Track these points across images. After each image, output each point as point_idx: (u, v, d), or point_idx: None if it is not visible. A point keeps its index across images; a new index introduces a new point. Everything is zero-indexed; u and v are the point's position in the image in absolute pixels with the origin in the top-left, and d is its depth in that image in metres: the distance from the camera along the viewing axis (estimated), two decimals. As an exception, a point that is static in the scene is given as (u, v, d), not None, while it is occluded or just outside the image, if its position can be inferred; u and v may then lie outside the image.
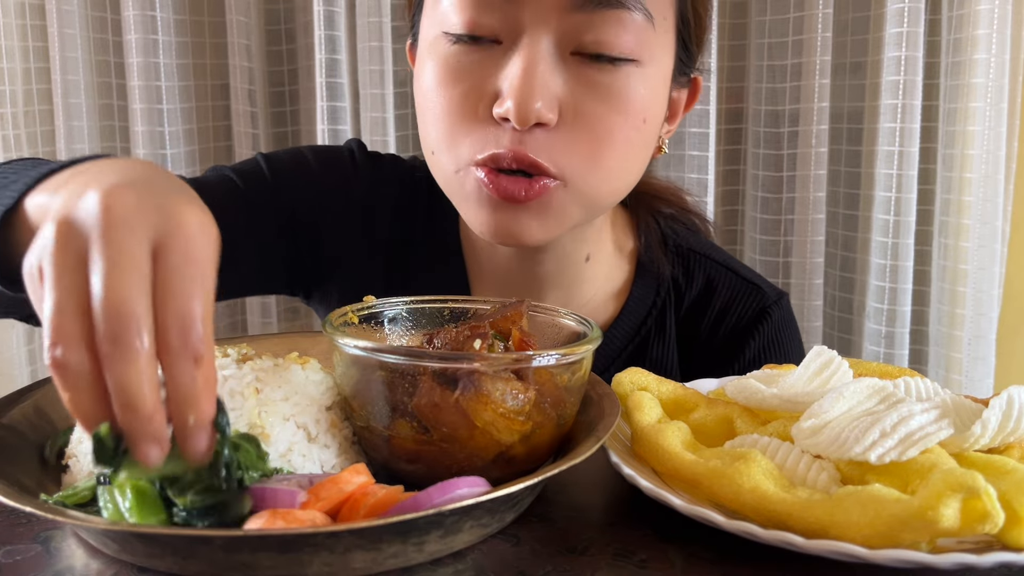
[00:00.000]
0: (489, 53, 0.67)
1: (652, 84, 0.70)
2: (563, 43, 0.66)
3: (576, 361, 0.54)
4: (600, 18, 0.65)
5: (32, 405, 0.59)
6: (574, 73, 0.67)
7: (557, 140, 0.67)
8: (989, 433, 0.49)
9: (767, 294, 0.87)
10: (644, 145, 0.72)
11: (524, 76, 0.65)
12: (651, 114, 0.71)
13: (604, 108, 0.68)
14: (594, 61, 0.67)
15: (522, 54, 0.66)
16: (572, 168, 0.68)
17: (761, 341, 0.86)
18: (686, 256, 0.88)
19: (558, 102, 0.67)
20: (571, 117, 0.67)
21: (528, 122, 0.65)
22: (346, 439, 0.55)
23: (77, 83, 1.49)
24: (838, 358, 0.57)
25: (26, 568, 0.46)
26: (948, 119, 1.46)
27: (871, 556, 0.43)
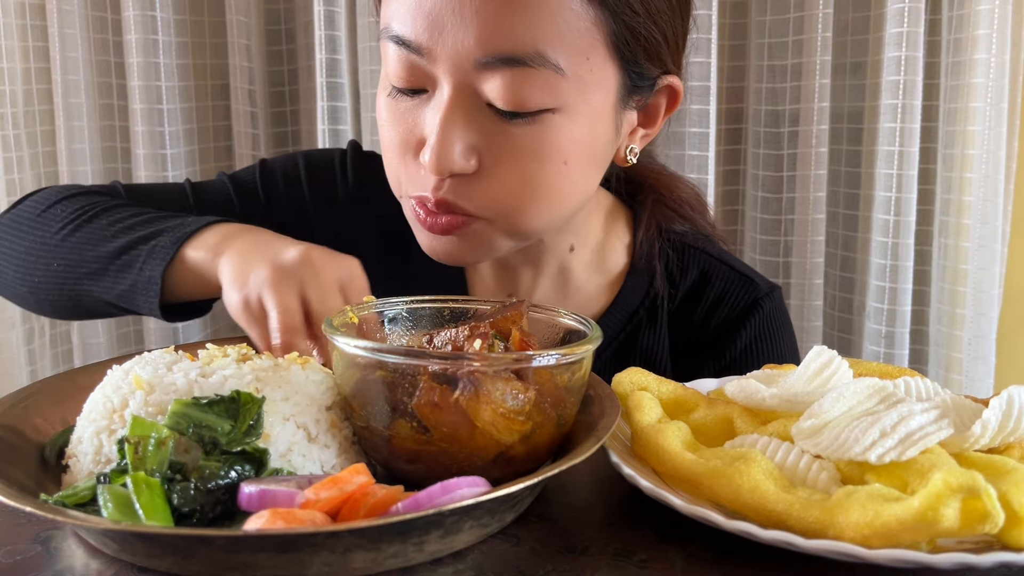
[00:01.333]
0: (419, 101, 0.71)
1: (577, 125, 0.70)
2: (476, 96, 0.68)
3: (576, 361, 0.54)
4: (504, 76, 0.66)
5: (32, 405, 0.59)
6: (492, 123, 0.68)
7: (478, 186, 0.70)
8: (989, 433, 0.49)
9: (759, 286, 0.88)
10: (571, 183, 0.72)
11: (439, 131, 0.68)
12: (575, 154, 0.71)
13: (520, 156, 0.69)
14: (509, 116, 0.68)
15: (439, 106, 0.68)
16: (495, 211, 0.71)
17: (752, 332, 0.87)
18: (682, 250, 0.90)
19: (475, 151, 0.69)
20: (490, 164, 0.69)
21: (443, 173, 0.69)
22: (346, 439, 0.55)
23: (77, 83, 1.49)
24: (838, 358, 0.57)
25: (26, 568, 0.46)
26: (948, 119, 1.46)
27: (871, 556, 0.43)
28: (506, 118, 0.68)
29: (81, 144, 1.51)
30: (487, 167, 0.69)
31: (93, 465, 0.52)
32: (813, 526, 0.45)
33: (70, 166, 1.50)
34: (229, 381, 0.53)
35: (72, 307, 0.80)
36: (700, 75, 1.43)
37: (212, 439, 0.49)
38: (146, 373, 0.54)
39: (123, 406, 0.53)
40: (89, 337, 1.56)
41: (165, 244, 0.73)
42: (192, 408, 0.50)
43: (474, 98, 0.68)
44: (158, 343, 1.54)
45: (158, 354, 0.58)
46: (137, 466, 0.47)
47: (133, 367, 0.56)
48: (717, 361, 0.87)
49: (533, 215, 0.73)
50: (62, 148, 1.49)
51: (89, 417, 0.54)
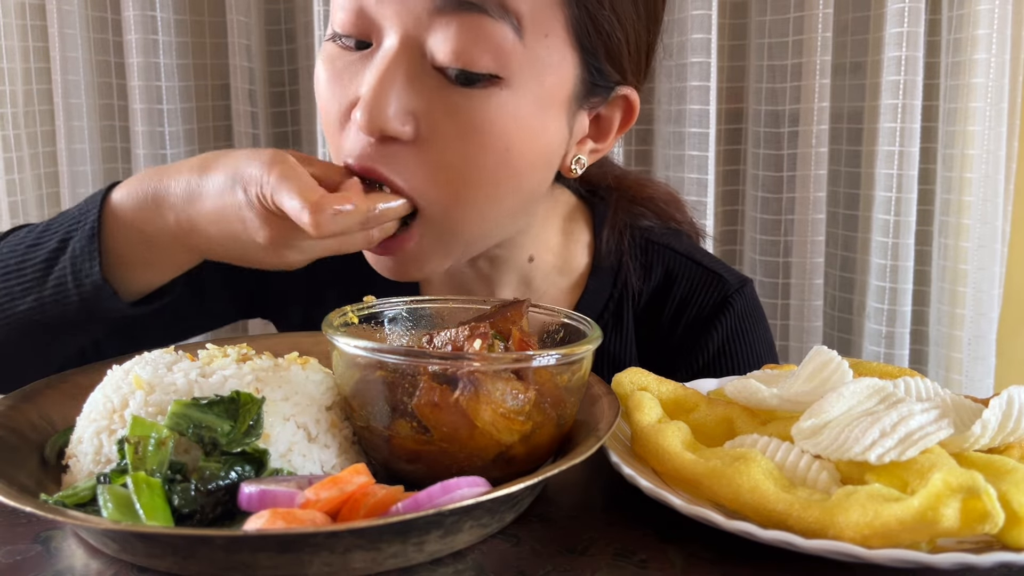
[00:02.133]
0: (359, 56, 0.65)
1: (521, 107, 0.64)
2: (422, 53, 0.63)
3: (576, 361, 0.54)
4: (460, 24, 0.61)
5: (32, 405, 0.59)
6: (434, 88, 0.63)
7: (411, 159, 0.64)
8: (989, 433, 0.49)
9: (728, 282, 0.83)
10: (512, 176, 0.67)
11: (376, 84, 0.62)
12: (518, 140, 0.65)
13: (460, 129, 0.63)
14: (454, 80, 0.63)
15: (379, 60, 0.63)
16: (428, 196, 0.65)
17: (724, 333, 0.83)
18: (645, 247, 0.85)
19: (413, 117, 0.63)
20: (426, 135, 0.64)
21: (374, 132, 0.63)
22: (346, 439, 0.55)
23: (77, 83, 1.49)
24: (838, 358, 0.57)
25: (26, 568, 0.46)
26: (948, 119, 1.46)
27: (871, 556, 0.43)
28: (451, 83, 0.63)
29: (81, 144, 1.51)
30: (424, 137, 0.64)
31: (93, 465, 0.52)
32: (813, 526, 0.45)
33: (70, 166, 1.50)
34: (229, 381, 0.53)
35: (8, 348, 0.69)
36: (700, 75, 1.43)
37: (212, 439, 0.49)
38: (146, 373, 0.54)
39: (123, 406, 0.53)
40: (89, 337, 1.55)
41: (83, 244, 0.65)
42: (192, 409, 0.50)
43: (420, 57, 0.63)
44: (158, 343, 1.54)
45: (158, 354, 0.58)
46: (137, 466, 0.47)
47: (133, 367, 0.56)
48: (690, 365, 0.83)
49: (470, 207, 0.66)
50: (62, 148, 1.49)
51: (89, 417, 0.54)
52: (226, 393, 0.51)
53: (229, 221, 0.62)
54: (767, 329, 0.88)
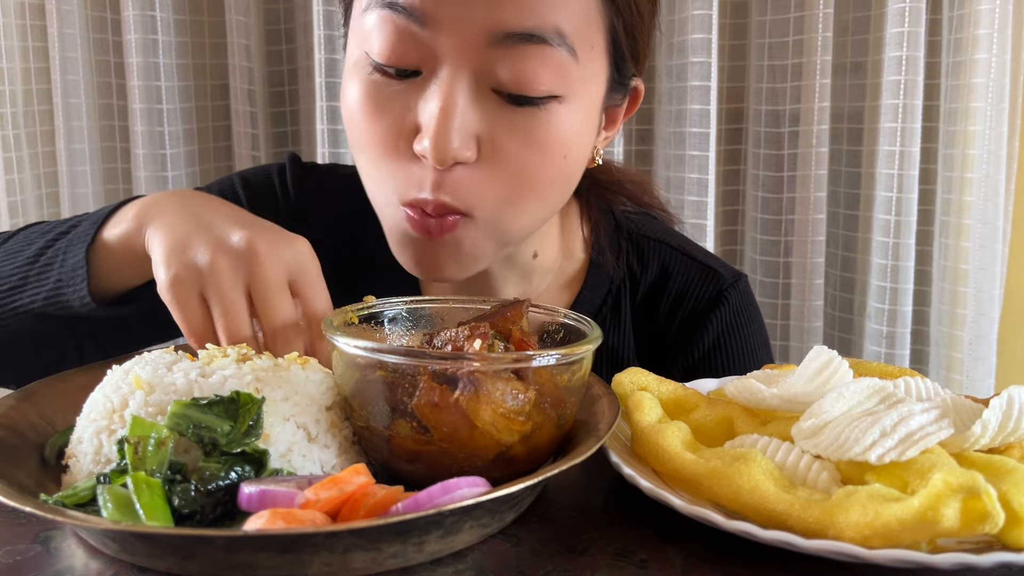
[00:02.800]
0: (409, 84, 0.65)
1: (577, 117, 0.67)
2: (482, 78, 0.63)
3: (576, 361, 0.54)
4: (519, 54, 0.62)
5: (32, 405, 0.59)
6: (495, 109, 0.64)
7: (473, 177, 0.65)
8: (989, 433, 0.49)
9: (723, 277, 0.85)
10: (565, 179, 0.70)
11: (442, 114, 0.62)
12: (574, 148, 0.68)
13: (522, 147, 0.65)
14: (516, 102, 0.64)
15: (440, 89, 0.63)
16: (487, 206, 0.66)
17: (719, 326, 0.84)
18: (640, 243, 0.86)
19: (476, 139, 0.64)
20: (489, 154, 0.65)
21: (446, 162, 0.63)
22: (346, 439, 0.55)
23: (77, 83, 1.49)
24: (838, 358, 0.57)
25: (26, 568, 0.46)
26: (949, 119, 1.46)
27: (871, 556, 0.43)
28: (512, 104, 0.64)
29: (80, 144, 1.51)
30: (486, 157, 0.65)
31: (93, 465, 0.52)
32: (813, 526, 0.45)
33: (69, 166, 1.50)
34: (229, 381, 0.53)
35: None
36: (700, 75, 1.43)
37: (212, 440, 0.49)
38: (146, 373, 0.54)
39: (123, 406, 0.53)
40: (89, 337, 1.55)
41: (84, 229, 0.69)
42: (191, 409, 0.50)
43: (480, 80, 0.63)
44: (158, 343, 1.54)
45: (158, 354, 0.58)
46: (137, 466, 0.47)
47: (133, 367, 0.56)
48: (685, 359, 0.84)
49: (523, 211, 0.68)
50: (61, 148, 1.49)
51: (89, 417, 0.54)
52: (226, 393, 0.51)
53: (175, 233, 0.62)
54: (761, 323, 0.89)
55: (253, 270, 0.59)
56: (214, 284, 0.58)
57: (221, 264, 0.59)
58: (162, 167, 1.51)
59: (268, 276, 0.59)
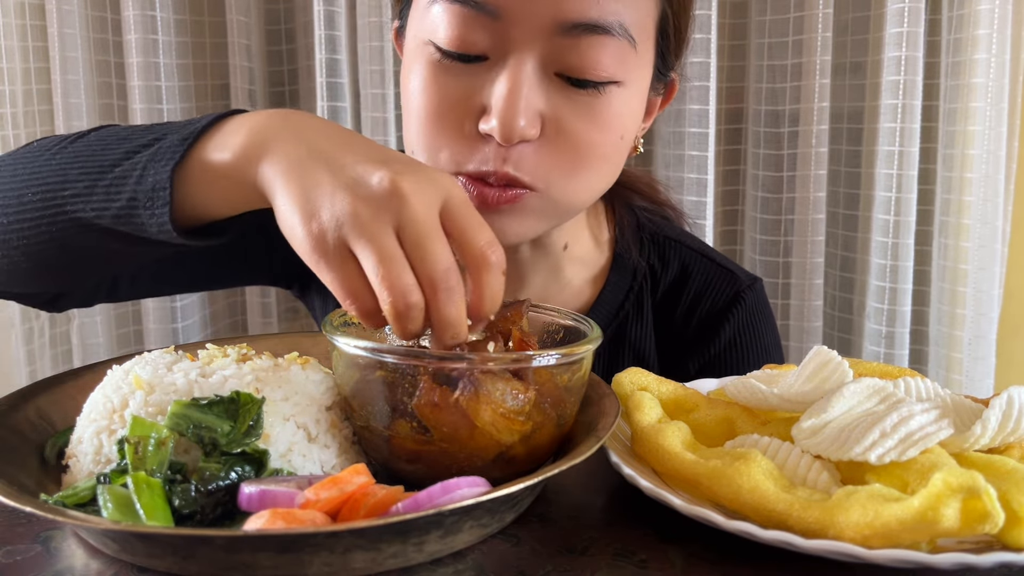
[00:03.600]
0: (476, 68, 0.68)
1: (632, 101, 0.72)
2: (548, 63, 0.67)
3: (576, 361, 0.54)
4: (585, 43, 0.66)
5: (32, 405, 0.59)
6: (558, 91, 0.68)
7: (536, 154, 0.69)
8: (989, 433, 0.49)
9: (741, 279, 0.89)
10: (620, 158, 0.74)
11: (510, 96, 0.66)
12: (628, 128, 0.73)
13: (584, 127, 0.69)
14: (578, 85, 0.68)
15: (508, 73, 0.67)
16: (549, 180, 0.70)
17: (735, 325, 0.87)
18: (661, 243, 0.90)
19: (540, 118, 0.68)
20: (552, 133, 0.69)
21: (513, 140, 0.67)
22: (346, 439, 0.55)
23: (77, 83, 1.49)
24: (838, 358, 0.57)
25: (26, 568, 0.46)
26: (948, 119, 1.46)
27: (871, 556, 0.43)
28: (574, 87, 0.68)
29: (81, 144, 1.51)
30: (549, 135, 0.69)
31: (93, 465, 0.52)
32: (813, 526, 0.45)
33: (70, 166, 1.50)
34: (229, 381, 0.53)
35: (51, 251, 0.63)
36: (700, 75, 1.43)
37: (212, 440, 0.49)
38: (146, 373, 0.54)
39: (123, 406, 0.53)
40: (89, 337, 1.56)
41: (171, 144, 0.59)
42: (191, 409, 0.50)
43: (546, 65, 0.67)
44: (158, 343, 1.54)
45: (158, 354, 0.58)
46: (137, 466, 0.47)
47: (133, 367, 0.56)
48: (701, 356, 0.88)
49: (581, 186, 0.72)
50: (62, 148, 1.49)
51: (89, 417, 0.54)
52: (226, 393, 0.51)
53: (312, 173, 0.53)
54: (775, 326, 0.93)
55: (401, 214, 0.50)
56: (364, 235, 0.50)
57: (365, 212, 0.50)
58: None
59: (420, 219, 0.51)
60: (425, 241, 0.50)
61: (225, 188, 0.58)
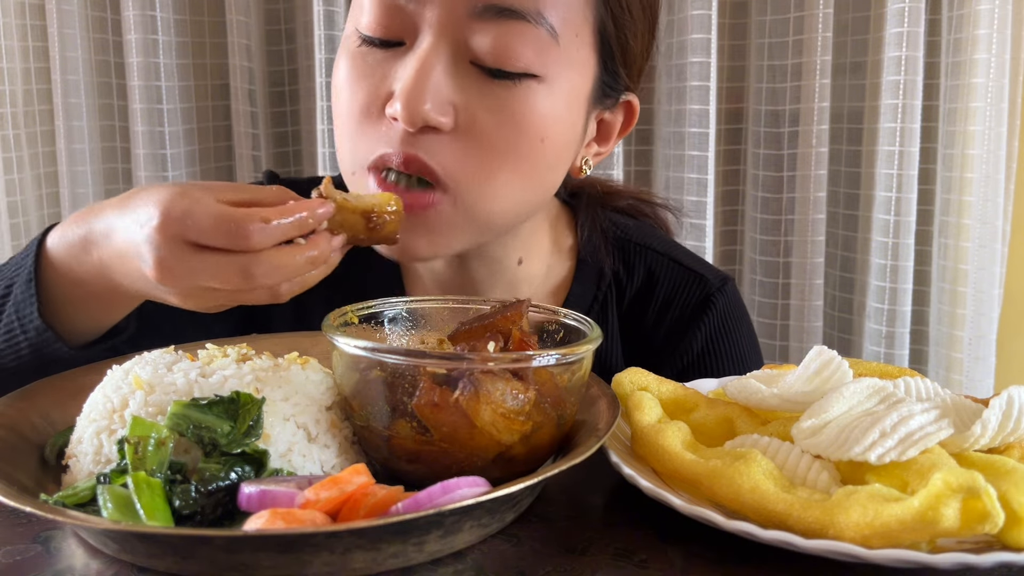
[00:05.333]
0: (392, 54, 0.66)
1: (556, 101, 0.68)
2: (462, 50, 0.65)
3: (576, 361, 0.54)
4: (500, 28, 0.64)
5: (32, 405, 0.59)
6: (472, 81, 0.65)
7: (448, 147, 0.66)
8: (989, 433, 0.49)
9: (710, 282, 0.84)
10: (545, 166, 0.70)
11: (416, 77, 0.64)
12: (552, 133, 0.68)
13: (499, 121, 0.66)
14: (493, 75, 0.65)
15: (418, 55, 0.64)
16: (461, 178, 0.66)
17: (707, 332, 0.83)
18: (626, 248, 0.86)
19: (452, 107, 0.65)
20: (465, 126, 0.66)
21: (416, 123, 0.64)
22: (346, 439, 0.55)
23: (77, 83, 1.49)
24: (838, 358, 0.57)
25: (26, 568, 0.46)
26: (948, 119, 1.46)
27: (871, 556, 0.43)
28: (489, 77, 0.65)
29: (81, 144, 1.51)
30: (463, 126, 0.65)
31: (93, 465, 0.52)
32: (813, 526, 0.45)
33: (70, 166, 1.50)
34: (229, 381, 0.53)
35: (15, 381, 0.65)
36: (700, 75, 1.43)
37: (212, 440, 0.49)
38: (146, 373, 0.54)
39: (123, 406, 0.53)
40: (89, 337, 1.55)
41: (22, 287, 0.64)
42: (191, 409, 0.50)
43: (459, 51, 0.65)
44: (158, 343, 1.54)
45: (158, 354, 0.58)
46: (137, 466, 0.47)
47: (133, 367, 0.56)
48: (673, 366, 0.84)
49: (500, 190, 0.68)
50: (61, 148, 1.49)
51: (89, 417, 0.54)
52: (226, 393, 0.51)
53: (131, 257, 0.58)
54: (750, 327, 0.89)
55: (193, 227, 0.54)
56: (213, 273, 0.54)
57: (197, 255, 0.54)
58: (162, 167, 1.51)
59: (209, 225, 0.53)
60: (217, 227, 0.53)
61: (90, 296, 0.63)
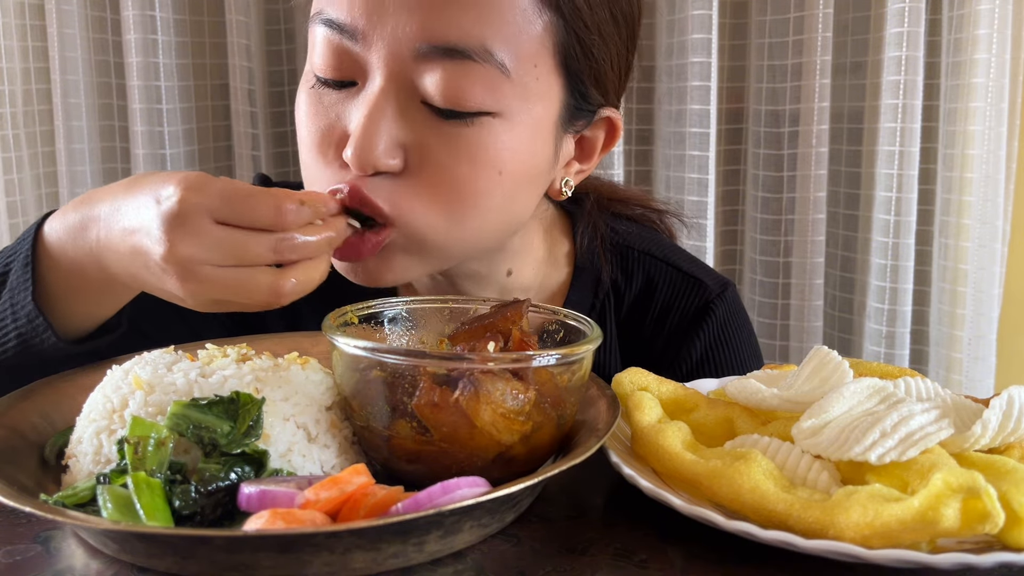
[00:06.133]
0: (346, 94, 0.66)
1: (516, 135, 0.66)
2: (411, 91, 0.64)
3: (576, 361, 0.54)
4: (446, 69, 0.62)
5: (32, 405, 0.59)
6: (423, 121, 0.64)
7: (397, 187, 0.65)
8: (989, 433, 0.49)
9: (709, 288, 0.83)
10: (505, 197, 0.68)
11: (365, 123, 0.63)
12: (512, 165, 0.66)
13: (451, 158, 0.64)
14: (445, 115, 0.63)
15: (367, 99, 0.64)
16: (408, 215, 0.65)
17: (707, 340, 0.82)
18: (624, 254, 0.85)
19: (402, 149, 0.64)
20: (416, 164, 0.64)
21: (366, 169, 0.63)
22: (346, 439, 0.55)
23: (77, 83, 1.49)
24: (838, 358, 0.57)
25: (26, 568, 0.46)
26: (948, 119, 1.46)
27: (871, 556, 0.43)
28: (442, 117, 0.63)
29: (80, 144, 1.51)
30: (413, 167, 0.64)
31: (93, 465, 0.52)
32: (813, 526, 0.45)
33: (69, 166, 1.50)
34: (229, 381, 0.53)
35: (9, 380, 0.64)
36: (700, 75, 1.43)
37: (212, 440, 0.49)
38: (146, 373, 0.54)
39: (123, 406, 0.53)
40: (89, 337, 1.55)
41: (18, 272, 0.63)
42: (191, 409, 0.50)
43: (408, 92, 0.64)
44: (158, 343, 1.54)
45: (158, 354, 0.58)
46: (137, 466, 0.47)
47: (133, 367, 0.56)
48: (673, 374, 0.80)
49: (460, 225, 0.67)
50: (61, 148, 1.49)
51: (89, 417, 0.54)
52: (226, 393, 0.51)
53: (139, 235, 0.57)
54: (751, 333, 0.87)
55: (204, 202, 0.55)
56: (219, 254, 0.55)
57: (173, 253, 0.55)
58: (162, 167, 1.51)
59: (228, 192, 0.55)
60: (246, 202, 0.55)
61: (85, 283, 0.62)
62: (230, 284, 0.56)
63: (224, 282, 0.55)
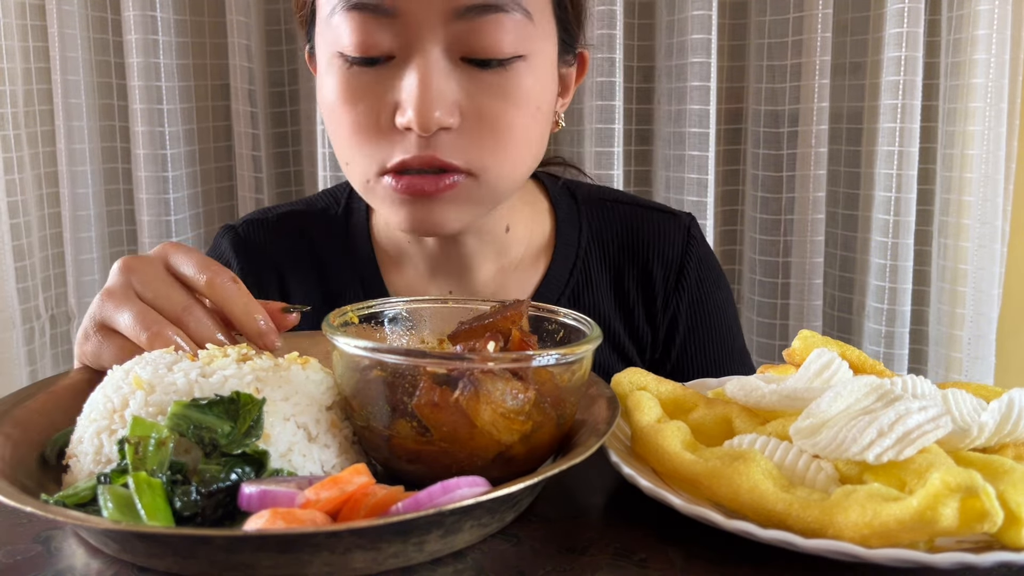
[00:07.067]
0: (384, 69, 0.70)
1: (540, 73, 0.74)
2: (452, 51, 0.69)
3: (576, 361, 0.54)
4: (482, 24, 0.69)
5: (32, 405, 0.59)
6: (467, 76, 0.70)
7: (462, 139, 0.71)
8: (986, 434, 0.49)
9: (681, 216, 0.93)
10: (541, 129, 0.77)
11: (421, 87, 0.68)
12: (543, 100, 0.75)
13: (500, 105, 0.71)
14: (484, 65, 0.70)
15: (416, 66, 0.69)
16: (480, 162, 0.72)
17: (694, 262, 0.91)
18: (597, 204, 0.93)
19: (457, 106, 0.70)
20: (472, 117, 0.71)
21: (430, 129, 0.68)
22: (346, 439, 0.55)
23: (77, 83, 1.49)
24: (838, 359, 0.57)
25: (26, 568, 0.46)
26: (948, 119, 1.46)
27: (870, 556, 0.43)
28: (480, 68, 0.70)
29: (81, 144, 1.51)
30: (469, 120, 0.71)
31: (93, 465, 0.52)
32: (812, 526, 0.45)
33: (70, 166, 1.50)
34: (229, 381, 0.53)
35: None
36: (700, 75, 1.43)
37: (212, 440, 0.49)
38: (146, 373, 0.54)
39: (123, 406, 0.53)
40: (89, 337, 1.55)
41: None
42: (192, 409, 0.50)
43: (450, 54, 0.69)
44: (158, 343, 1.54)
45: (158, 354, 0.58)
46: (137, 466, 0.47)
47: (133, 367, 0.56)
48: (676, 305, 0.90)
49: (514, 161, 0.74)
50: (62, 148, 1.49)
51: (89, 417, 0.54)
52: (226, 393, 0.51)
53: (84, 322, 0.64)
54: None
55: (134, 283, 0.62)
56: (108, 313, 0.62)
57: (108, 302, 0.62)
58: (162, 167, 1.51)
59: (149, 279, 0.62)
60: (160, 290, 0.62)
61: None
62: (139, 326, 0.61)
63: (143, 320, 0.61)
